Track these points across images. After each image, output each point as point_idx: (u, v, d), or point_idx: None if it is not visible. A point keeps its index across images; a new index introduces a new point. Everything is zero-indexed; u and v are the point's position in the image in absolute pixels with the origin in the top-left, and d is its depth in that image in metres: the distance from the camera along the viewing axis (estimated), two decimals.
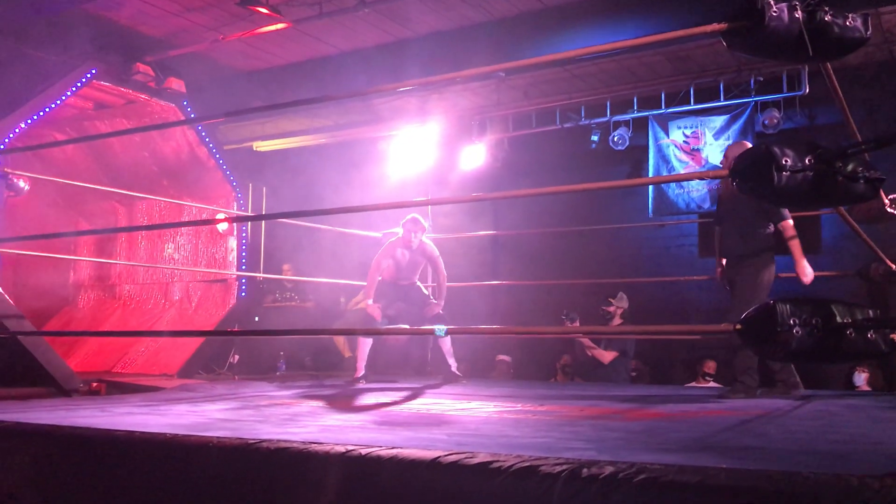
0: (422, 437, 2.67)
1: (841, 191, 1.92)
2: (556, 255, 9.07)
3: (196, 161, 7.92)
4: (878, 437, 2.89)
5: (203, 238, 8.10)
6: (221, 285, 7.88)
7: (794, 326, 1.78)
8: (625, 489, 1.74)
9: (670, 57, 7.49)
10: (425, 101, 8.69)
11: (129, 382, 5.93)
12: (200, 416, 3.40)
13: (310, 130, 9.43)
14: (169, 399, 4.49)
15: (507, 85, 8.26)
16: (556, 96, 8.48)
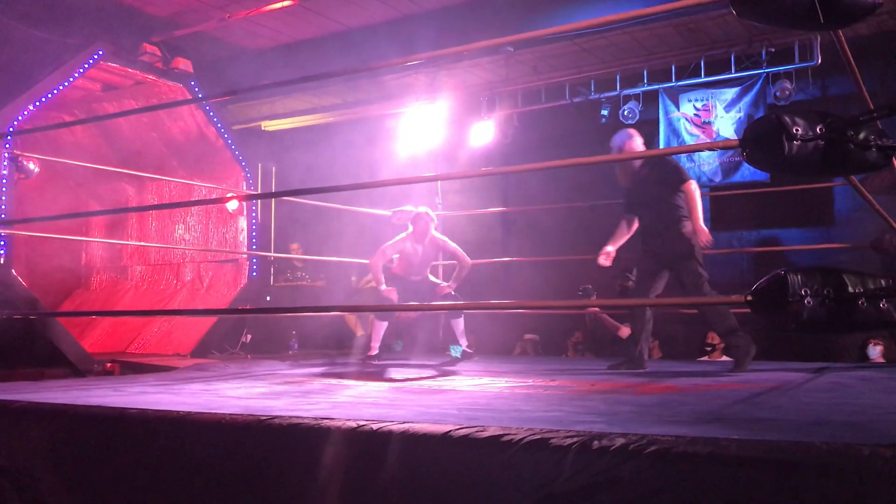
0: (433, 413, 2.68)
1: (853, 159, 1.90)
2: (567, 231, 9.03)
3: (205, 141, 7.92)
4: (891, 407, 2.88)
5: (213, 218, 8.13)
6: (232, 265, 7.91)
7: (805, 297, 1.76)
8: (636, 461, 1.74)
9: (681, 29, 7.41)
10: (434, 78, 8.65)
11: (143, 363, 5.98)
12: (213, 395, 3.42)
13: (318, 109, 9.41)
14: (182, 378, 4.52)
15: (516, 60, 8.20)
16: (565, 70, 8.41)
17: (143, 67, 7.23)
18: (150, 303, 8.20)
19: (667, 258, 4.90)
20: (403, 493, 2.04)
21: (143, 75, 7.33)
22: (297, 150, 9.07)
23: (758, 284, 1.85)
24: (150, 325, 7.61)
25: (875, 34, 7.27)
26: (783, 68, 7.51)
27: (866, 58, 7.06)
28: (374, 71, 7.82)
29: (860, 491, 1.56)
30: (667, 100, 8.18)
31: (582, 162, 4.33)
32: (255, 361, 6.18)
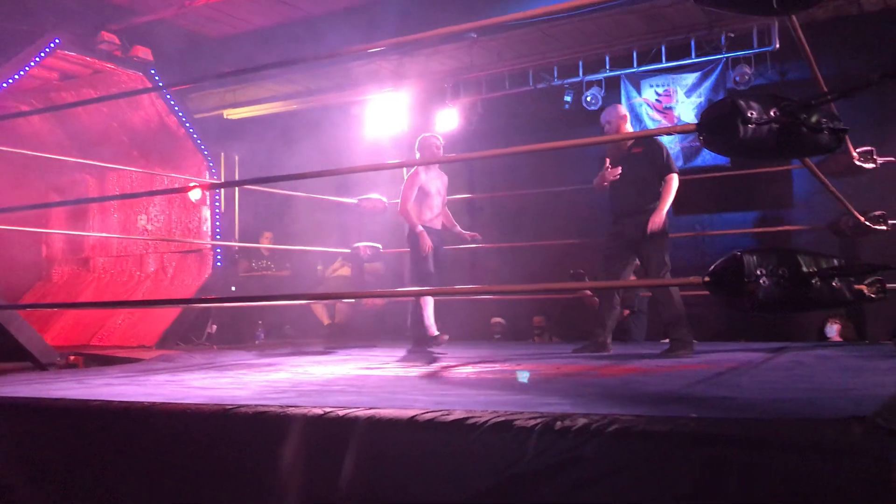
0: (400, 398, 2.70)
1: (806, 142, 1.95)
2: (533, 217, 9.09)
3: (166, 131, 7.82)
4: (845, 384, 2.96)
5: (176, 208, 8.04)
6: (196, 255, 7.84)
7: (760, 277, 1.81)
8: (597, 440, 1.77)
9: (642, 15, 7.46)
10: (398, 65, 8.62)
11: (107, 355, 5.92)
12: (179, 385, 3.41)
13: (281, 97, 9.33)
14: (147, 370, 4.49)
15: (480, 47, 8.21)
16: (528, 57, 8.43)
17: (101, 56, 7.10)
18: (114, 294, 8.10)
19: (636, 241, 4.91)
20: (370, 478, 2.05)
21: (102, 64, 7.21)
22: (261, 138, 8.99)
23: (714, 266, 1.90)
24: (113, 317, 7.53)
25: (832, 19, 7.38)
26: (742, 53, 7.61)
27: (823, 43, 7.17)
28: (337, 58, 7.77)
29: (816, 465, 1.61)
30: (629, 86, 8.25)
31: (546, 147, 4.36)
32: (221, 352, 6.15)
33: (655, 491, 1.71)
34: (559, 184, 8.48)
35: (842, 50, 7.57)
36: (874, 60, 7.24)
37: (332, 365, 4.57)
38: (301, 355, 5.56)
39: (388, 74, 8.74)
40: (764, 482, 1.63)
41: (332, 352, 5.84)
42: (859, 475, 1.55)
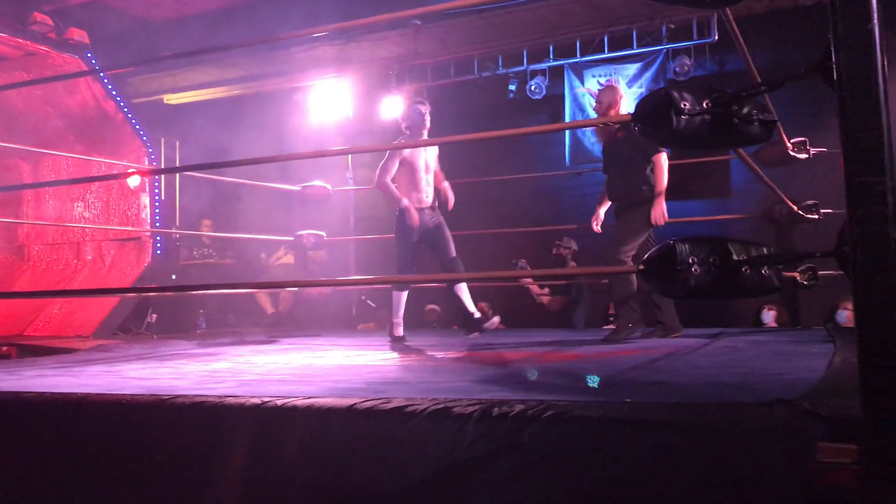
0: (341, 387, 2.69)
1: (737, 133, 1.99)
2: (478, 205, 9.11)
3: (103, 115, 7.63)
4: (777, 368, 3.05)
5: (114, 195, 7.85)
6: (135, 243, 7.68)
7: (692, 265, 1.84)
8: (534, 425, 1.80)
9: (585, 5, 7.54)
10: (342, 51, 8.55)
11: (42, 345, 5.77)
12: (115, 376, 3.34)
13: (223, 82, 9.18)
14: (83, 360, 4.40)
15: (425, 34, 8.19)
16: (473, 45, 8.45)
17: (34, 38, 6.88)
18: (50, 283, 7.89)
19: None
20: (310, 467, 2.05)
21: (35, 46, 6.98)
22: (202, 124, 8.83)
23: (649, 254, 1.93)
24: (49, 307, 7.33)
25: (769, 12, 7.55)
26: (682, 44, 7.75)
27: (760, 35, 7.36)
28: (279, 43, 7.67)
29: (744, 445, 1.66)
30: (572, 75, 8.33)
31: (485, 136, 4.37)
32: (160, 341, 6.04)
33: (590, 475, 1.74)
34: (505, 172, 8.54)
35: (778, 42, 7.76)
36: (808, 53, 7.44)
37: (274, 354, 4.53)
38: (243, 345, 5.51)
39: (332, 60, 8.66)
40: (694, 464, 1.67)
41: (275, 341, 5.79)
42: (784, 456, 1.60)
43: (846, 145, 1.58)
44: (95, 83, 7.40)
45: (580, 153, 8.40)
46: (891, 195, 1.55)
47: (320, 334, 6.49)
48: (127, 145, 7.71)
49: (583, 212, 9.18)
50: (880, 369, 1.52)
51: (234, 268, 8.36)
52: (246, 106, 9.29)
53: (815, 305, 7.63)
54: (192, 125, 8.59)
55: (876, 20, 1.56)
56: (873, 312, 1.53)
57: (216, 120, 8.73)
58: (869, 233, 1.54)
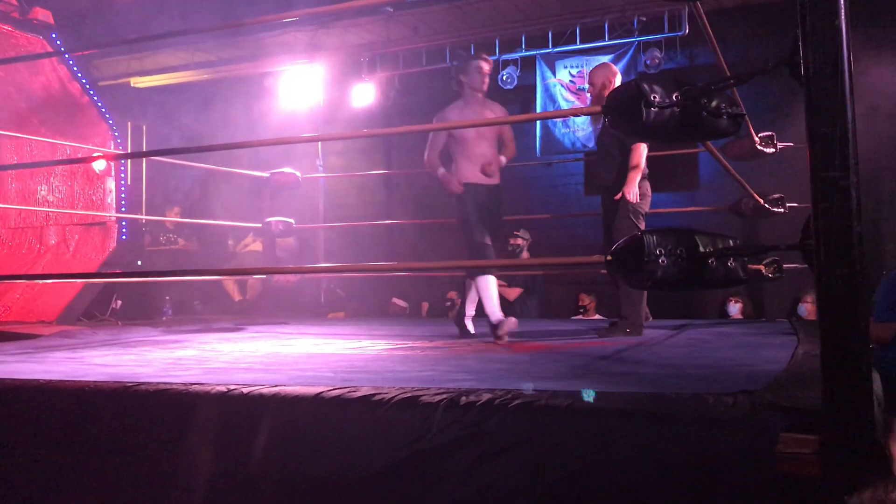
0: (308, 376, 2.68)
1: (705, 126, 2.01)
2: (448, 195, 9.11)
3: (68, 98, 7.48)
4: (741, 360, 3.09)
5: (79, 179, 7.72)
6: (100, 228, 7.56)
7: (660, 256, 1.86)
8: (501, 414, 1.81)
9: None
10: (313, 37, 8.48)
11: (3, 331, 5.66)
12: (79, 363, 3.29)
13: (192, 66, 9.06)
14: (46, 346, 4.32)
15: (397, 21, 8.15)
16: (445, 34, 8.42)
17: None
18: (11, 268, 7.74)
19: (607, 216, 4.73)
20: (277, 456, 2.04)
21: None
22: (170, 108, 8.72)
23: (617, 245, 1.94)
24: (10, 292, 7.19)
25: (739, 7, 7.62)
26: (653, 37, 7.79)
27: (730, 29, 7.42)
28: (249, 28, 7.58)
29: (707, 436, 1.68)
30: (544, 66, 8.34)
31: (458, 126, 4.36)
32: (125, 328, 5.97)
33: (556, 464, 1.75)
34: None
35: (748, 37, 7.83)
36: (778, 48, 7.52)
37: (241, 342, 4.50)
38: (210, 332, 5.45)
39: (303, 46, 8.59)
40: (659, 454, 1.69)
41: (243, 328, 5.75)
42: (745, 446, 1.63)
43: (811, 140, 1.60)
44: (60, 65, 7.26)
45: (550, 144, 8.43)
46: (854, 190, 1.57)
47: (288, 322, 6.45)
48: (93, 129, 7.58)
49: (552, 202, 9.25)
50: (841, 361, 1.54)
51: (202, 254, 8.28)
52: (215, 90, 9.17)
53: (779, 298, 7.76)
54: (160, 109, 8.47)
55: (843, 16, 1.58)
56: (835, 305, 1.56)
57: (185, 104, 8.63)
58: (833, 227, 1.56)
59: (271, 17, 5.27)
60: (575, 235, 8.93)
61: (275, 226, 6.41)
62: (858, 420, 1.52)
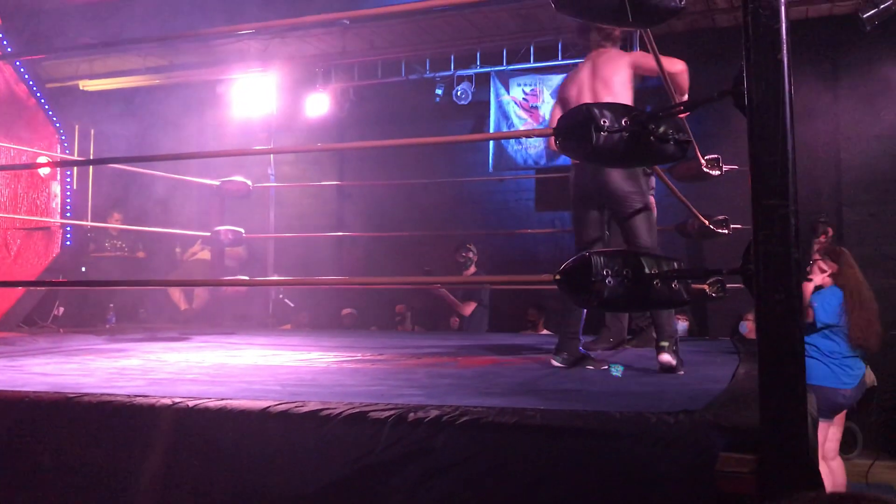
0: (255, 389, 2.66)
1: (653, 151, 2.06)
2: (401, 207, 9.13)
3: (14, 99, 7.31)
4: (684, 379, 3.16)
5: (23, 182, 7.53)
6: (44, 233, 7.39)
7: (606, 277, 1.90)
8: (448, 431, 1.83)
9: (514, 14, 7.63)
10: (267, 45, 8.43)
11: None
12: (18, 371, 3.22)
13: (142, 70, 8.93)
14: None
15: (353, 33, 8.15)
16: (401, 47, 8.45)
17: None
18: None
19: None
20: (222, 470, 2.02)
21: None
22: (120, 112, 8.58)
23: (565, 265, 1.98)
24: None
25: (688, 31, 7.80)
26: None
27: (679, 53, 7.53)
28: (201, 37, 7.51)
29: (649, 454, 1.72)
30: (498, 83, 8.42)
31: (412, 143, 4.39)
32: (67, 335, 5.84)
33: (502, 479, 1.78)
34: (428, 175, 8.58)
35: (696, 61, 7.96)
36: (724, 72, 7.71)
37: (187, 352, 4.44)
38: (155, 341, 5.36)
39: (257, 54, 8.53)
40: (601, 472, 1.73)
41: (189, 338, 5.67)
42: (686, 464, 1.67)
43: (753, 168, 1.66)
44: (7, 66, 7.09)
45: (503, 160, 8.51)
46: (793, 217, 1.63)
47: (235, 332, 6.38)
48: (39, 132, 7.41)
49: (504, 217, 9.32)
50: (778, 382, 1.60)
51: (147, 262, 8.13)
52: (166, 96, 9.04)
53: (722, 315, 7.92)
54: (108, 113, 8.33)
55: (785, 50, 1.65)
56: (773, 329, 1.61)
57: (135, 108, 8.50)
58: (772, 253, 1.62)
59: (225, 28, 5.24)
60: (526, 251, 9.02)
61: (224, 235, 6.33)
62: (793, 440, 1.58)
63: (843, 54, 7.83)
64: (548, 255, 8.48)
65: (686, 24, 7.66)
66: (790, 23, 1.66)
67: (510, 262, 9.01)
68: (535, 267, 8.98)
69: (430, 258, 8.12)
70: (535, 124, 8.15)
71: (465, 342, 5.42)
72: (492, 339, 5.81)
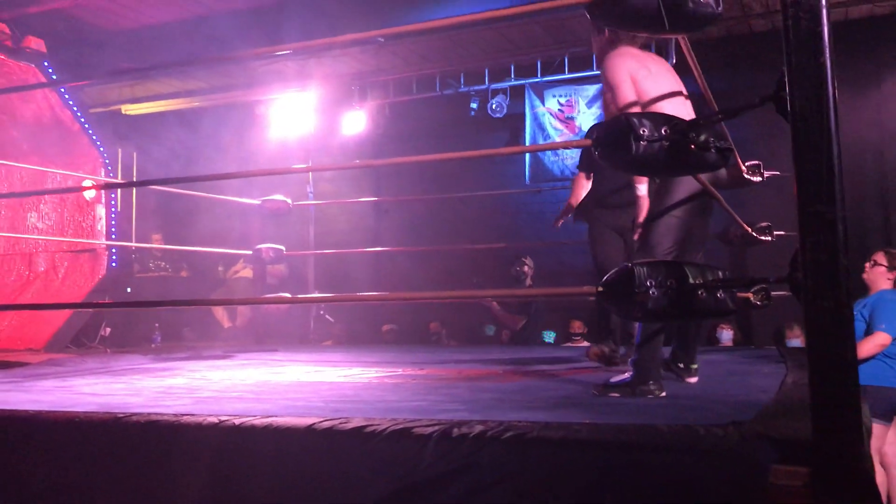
0: (299, 406, 2.67)
1: (694, 159, 2.03)
2: (438, 221, 9.16)
3: (59, 125, 7.49)
4: (728, 389, 3.11)
5: (69, 206, 7.70)
6: (90, 255, 7.54)
7: (650, 287, 1.88)
8: (493, 446, 1.81)
9: (546, 26, 7.63)
10: (303, 66, 8.54)
11: None
12: (68, 392, 3.28)
13: (182, 93, 9.09)
14: (34, 374, 4.30)
15: (387, 51, 8.21)
16: (435, 63, 8.50)
17: None
18: (1, 295, 7.70)
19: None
20: (268, 487, 2.03)
21: None
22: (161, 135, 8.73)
23: (608, 276, 1.96)
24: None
25: (724, 37, 7.73)
26: None
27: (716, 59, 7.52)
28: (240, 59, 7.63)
29: (698, 467, 1.69)
30: (533, 95, 8.41)
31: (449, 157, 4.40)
32: (114, 356, 5.94)
33: (548, 495, 1.76)
34: (464, 189, 8.59)
35: (733, 66, 7.93)
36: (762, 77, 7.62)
37: (231, 370, 4.48)
38: (199, 359, 5.43)
39: (294, 75, 8.64)
40: (649, 486, 1.70)
41: (232, 356, 5.73)
42: (736, 477, 1.64)
43: (799, 175, 1.62)
44: (52, 92, 7.27)
45: (540, 171, 8.49)
46: (841, 223, 1.59)
47: (277, 349, 6.43)
48: (83, 156, 7.58)
49: (541, 229, 9.28)
50: (830, 393, 1.56)
51: (191, 281, 8.25)
52: (206, 118, 9.20)
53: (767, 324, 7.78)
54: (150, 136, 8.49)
55: (828, 54, 1.62)
56: (823, 338, 1.57)
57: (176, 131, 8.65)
58: (820, 260, 1.59)
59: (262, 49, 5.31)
60: (564, 262, 8.96)
61: (265, 252, 6.40)
62: (848, 452, 1.54)
63: (886, 55, 7.68)
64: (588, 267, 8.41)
65: (722, 30, 7.59)
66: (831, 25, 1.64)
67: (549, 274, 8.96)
68: (575, 279, 8.92)
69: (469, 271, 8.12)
70: (570, 135, 8.13)
71: (504, 356, 5.40)
72: (532, 352, 5.77)
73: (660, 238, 3.18)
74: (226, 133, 8.75)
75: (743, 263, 7.86)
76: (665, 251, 3.13)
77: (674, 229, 3.24)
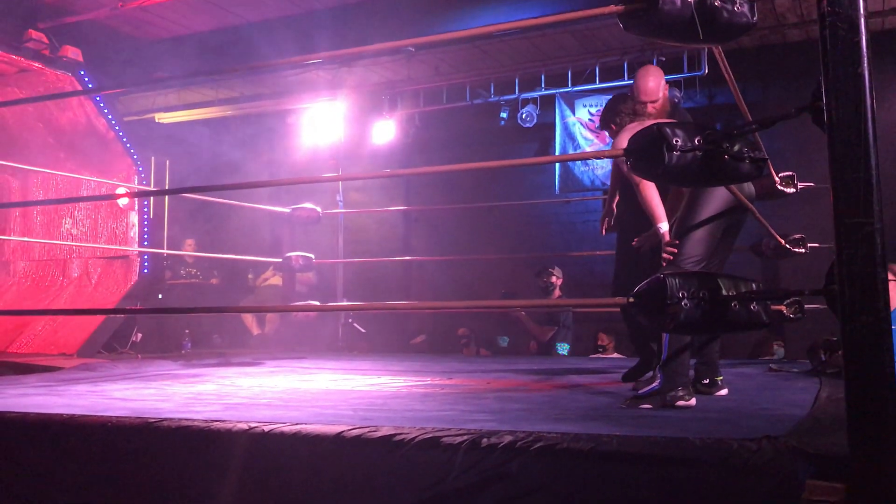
0: (328, 414, 2.68)
1: (728, 170, 2.01)
2: (467, 231, 9.16)
3: (94, 133, 7.61)
4: (762, 402, 3.06)
5: (103, 213, 7.81)
6: (123, 261, 7.63)
7: (682, 299, 1.86)
8: (523, 457, 1.80)
9: (577, 35, 7.62)
10: (335, 75, 8.60)
11: (25, 363, 5.71)
12: (100, 396, 3.32)
13: (215, 102, 9.20)
14: (67, 379, 4.36)
15: (418, 60, 8.25)
16: (466, 72, 8.52)
17: (28, 55, 6.87)
18: (35, 300, 7.82)
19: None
20: (296, 495, 2.04)
21: (29, 63, 6.97)
22: (194, 143, 8.85)
23: (639, 287, 1.94)
24: (33, 324, 7.26)
25: (757, 47, 7.66)
26: (673, 77, 7.81)
27: (749, 70, 7.47)
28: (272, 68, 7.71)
29: (731, 482, 1.67)
30: (563, 105, 8.40)
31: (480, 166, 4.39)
32: (145, 361, 6.00)
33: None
34: (494, 198, 8.59)
35: (767, 77, 7.86)
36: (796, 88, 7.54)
37: (260, 377, 4.51)
38: (229, 366, 5.47)
39: (325, 84, 8.70)
40: (682, 500, 1.68)
41: (261, 363, 5.76)
42: (770, 492, 1.61)
43: (835, 186, 1.60)
44: (88, 101, 7.39)
45: (569, 181, 8.46)
46: (879, 236, 1.57)
47: (306, 357, 6.46)
48: (117, 163, 7.69)
49: (570, 240, 9.25)
50: (867, 408, 1.53)
51: (221, 288, 8.33)
52: (238, 126, 9.30)
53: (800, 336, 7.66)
54: (183, 144, 8.59)
55: (866, 64, 1.59)
56: (860, 352, 1.55)
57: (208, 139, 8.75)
58: (857, 273, 1.56)
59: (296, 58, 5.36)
60: (594, 273, 8.91)
61: (294, 260, 6.43)
62: (886, 469, 1.51)
63: None
64: None
65: (756, 40, 7.53)
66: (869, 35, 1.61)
67: (578, 285, 8.92)
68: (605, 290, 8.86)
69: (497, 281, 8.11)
70: (601, 145, 8.09)
71: (533, 366, 5.37)
72: (561, 363, 5.74)
73: (691, 249, 3.16)
74: (257, 142, 8.83)
75: (775, 276, 7.76)
76: (695, 262, 3.11)
77: (705, 241, 3.23)
